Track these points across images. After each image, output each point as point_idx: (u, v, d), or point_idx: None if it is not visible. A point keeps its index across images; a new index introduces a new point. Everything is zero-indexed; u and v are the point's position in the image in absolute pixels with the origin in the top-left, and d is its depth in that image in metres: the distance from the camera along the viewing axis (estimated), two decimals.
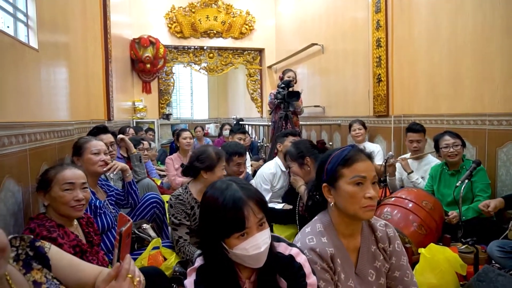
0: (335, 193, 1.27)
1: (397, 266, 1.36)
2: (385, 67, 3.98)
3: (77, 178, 1.58)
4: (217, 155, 2.15)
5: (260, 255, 1.09)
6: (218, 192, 1.11)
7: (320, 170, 1.33)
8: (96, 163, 2.11)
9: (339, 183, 1.25)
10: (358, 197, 1.21)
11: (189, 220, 2.14)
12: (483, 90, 2.93)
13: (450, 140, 2.71)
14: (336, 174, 1.26)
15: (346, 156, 1.26)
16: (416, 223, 2.27)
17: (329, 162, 1.29)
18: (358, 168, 1.23)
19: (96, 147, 2.14)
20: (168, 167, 3.90)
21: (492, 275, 1.84)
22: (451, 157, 2.69)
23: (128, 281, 0.91)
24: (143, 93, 7.12)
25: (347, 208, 1.24)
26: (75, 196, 1.53)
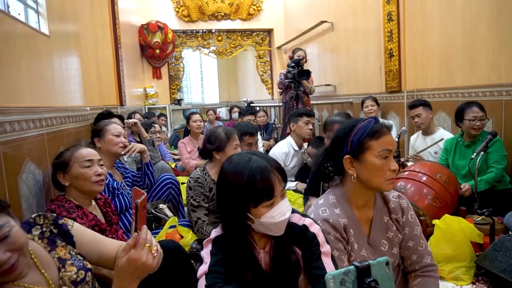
0: (359, 165, 1.25)
1: (411, 236, 1.36)
2: (396, 41, 3.89)
3: (94, 155, 1.64)
4: (227, 135, 2.16)
5: (284, 222, 1.13)
6: (241, 165, 1.12)
7: (340, 141, 1.30)
8: (117, 144, 2.20)
9: (365, 155, 1.23)
10: (384, 170, 1.21)
11: (208, 202, 2.16)
12: (500, 59, 2.84)
13: (479, 113, 2.60)
14: (363, 146, 1.24)
15: (373, 128, 1.24)
16: (431, 196, 2.27)
17: (355, 134, 1.26)
18: (385, 141, 1.22)
19: (116, 130, 2.24)
20: (181, 151, 3.95)
21: (509, 244, 1.84)
22: (476, 130, 2.61)
23: (146, 250, 0.94)
24: (153, 79, 7.15)
25: (372, 180, 1.24)
26: (95, 171, 1.59)
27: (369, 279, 0.71)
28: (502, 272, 1.75)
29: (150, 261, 0.95)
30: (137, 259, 0.92)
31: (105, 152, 2.17)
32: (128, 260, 0.93)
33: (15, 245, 0.92)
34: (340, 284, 0.72)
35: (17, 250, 0.92)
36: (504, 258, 1.79)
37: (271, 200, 1.09)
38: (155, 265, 0.97)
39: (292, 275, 1.18)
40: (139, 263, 0.93)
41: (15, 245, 0.92)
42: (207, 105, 9.10)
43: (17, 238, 0.92)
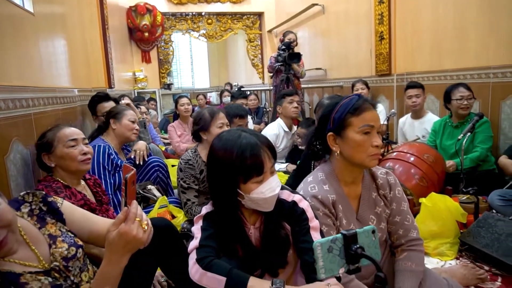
0: (342, 142, 1.27)
1: (398, 212, 1.39)
2: (387, 24, 3.88)
3: (78, 134, 1.61)
4: (211, 114, 2.16)
5: (274, 198, 1.14)
6: (231, 141, 1.12)
7: (325, 119, 1.32)
8: (132, 129, 2.30)
9: (347, 132, 1.25)
10: (366, 146, 1.23)
11: (198, 184, 2.17)
12: (488, 43, 2.87)
13: (465, 92, 2.66)
14: (344, 123, 1.25)
15: (355, 105, 1.25)
16: (418, 176, 2.31)
17: (337, 111, 1.28)
18: (366, 117, 1.23)
19: (133, 116, 2.34)
20: (171, 134, 3.93)
21: (492, 220, 1.89)
22: (464, 109, 2.67)
23: (137, 224, 0.95)
24: (142, 63, 7.04)
25: (354, 157, 1.25)
26: (81, 150, 1.57)
27: (356, 246, 0.73)
28: (485, 247, 1.81)
29: (141, 234, 0.96)
30: (127, 232, 0.93)
31: (118, 135, 2.28)
32: (119, 234, 0.94)
33: (2, 222, 0.91)
34: (327, 251, 0.73)
35: (5, 226, 0.92)
36: (486, 234, 1.85)
37: (261, 176, 1.10)
38: (145, 239, 0.98)
39: (282, 250, 1.21)
40: (129, 237, 0.94)
41: (2, 222, 0.91)
42: (198, 90, 9.01)
43: (4, 215, 0.92)
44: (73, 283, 1.07)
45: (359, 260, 0.75)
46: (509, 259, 1.67)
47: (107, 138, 2.26)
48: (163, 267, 1.45)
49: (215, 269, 1.03)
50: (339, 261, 0.75)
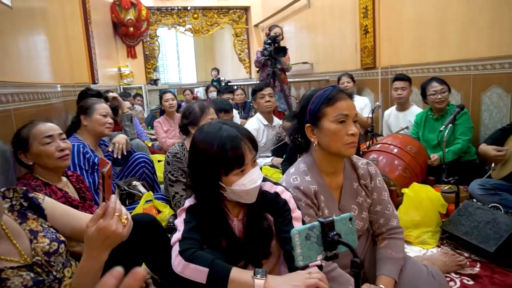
0: (319, 132, 1.30)
1: (379, 201, 1.42)
2: (371, 17, 3.91)
3: (54, 130, 1.57)
4: (201, 109, 2.15)
5: (256, 189, 1.15)
6: (212, 134, 1.13)
7: (303, 111, 1.35)
8: (104, 124, 2.19)
9: (322, 122, 1.27)
10: (341, 135, 1.24)
11: (185, 177, 2.16)
12: (469, 36, 2.92)
13: (438, 87, 2.73)
14: (319, 114, 1.27)
15: (328, 96, 1.27)
16: (401, 167, 2.35)
17: (312, 102, 1.30)
18: (340, 107, 1.25)
19: (104, 109, 2.22)
20: (157, 130, 3.91)
21: (472, 209, 1.94)
22: (439, 103, 2.73)
23: (116, 219, 0.93)
24: (128, 58, 6.96)
25: (330, 146, 1.27)
26: (57, 147, 1.53)
27: (333, 233, 0.75)
28: (465, 234, 1.86)
29: (120, 229, 0.94)
30: (106, 227, 0.91)
31: (90, 130, 2.18)
32: (98, 229, 0.92)
33: None
34: (305, 239, 0.75)
35: None
36: (466, 222, 1.90)
37: (242, 168, 1.11)
38: (125, 234, 0.96)
39: (265, 241, 1.22)
40: (108, 232, 0.92)
41: None
42: (184, 85, 8.93)
43: None
44: (55, 279, 1.06)
45: (336, 247, 0.76)
46: (487, 246, 1.72)
47: (81, 136, 2.17)
48: (148, 262, 1.45)
49: (197, 260, 1.04)
50: (317, 248, 0.76)
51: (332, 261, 1.27)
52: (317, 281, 1.00)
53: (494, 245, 1.70)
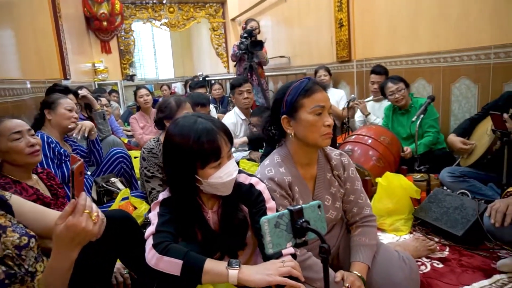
0: (295, 124, 1.31)
1: (352, 191, 1.45)
2: (346, 11, 3.96)
3: (22, 126, 1.52)
4: (177, 103, 2.13)
5: (232, 182, 1.16)
6: (187, 127, 1.12)
7: (278, 103, 1.35)
8: (69, 118, 2.17)
9: (299, 113, 1.28)
10: (318, 126, 1.26)
11: (162, 173, 2.14)
12: (439, 29, 3.01)
13: (393, 87, 2.82)
14: (296, 105, 1.28)
15: (305, 87, 1.28)
16: (375, 157, 2.41)
17: (289, 94, 1.31)
18: (317, 98, 1.27)
19: (69, 104, 2.20)
20: (133, 127, 3.85)
21: (441, 196, 2.02)
22: (399, 102, 2.83)
23: (86, 216, 0.92)
24: (102, 54, 6.79)
25: (307, 137, 1.29)
26: (27, 142, 1.49)
27: (302, 220, 0.76)
28: (435, 220, 1.94)
29: (90, 227, 0.92)
30: (76, 225, 0.89)
31: (55, 125, 2.15)
32: (66, 227, 0.90)
33: None
34: (274, 227, 0.76)
35: None
36: (437, 208, 1.98)
37: (218, 161, 1.11)
38: (96, 231, 0.94)
39: (240, 232, 1.23)
40: (78, 229, 0.90)
41: None
42: (162, 81, 8.81)
43: None
44: (28, 272, 1.05)
45: (306, 234, 0.78)
46: (455, 230, 1.80)
47: (46, 131, 2.14)
48: (123, 258, 1.44)
49: (171, 253, 1.04)
50: (286, 235, 0.77)
51: (307, 250, 1.32)
52: (290, 269, 1.02)
53: (462, 229, 1.78)
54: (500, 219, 1.48)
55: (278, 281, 1.00)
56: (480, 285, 1.49)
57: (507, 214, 1.48)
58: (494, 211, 1.51)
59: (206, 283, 1.04)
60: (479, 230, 1.66)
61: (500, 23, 2.50)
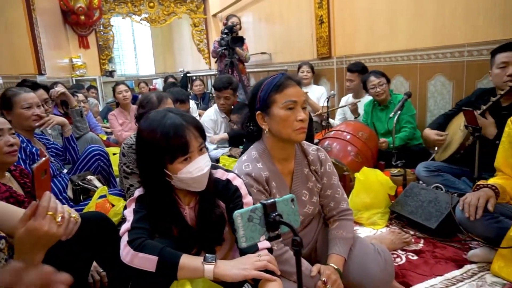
0: (269, 119, 1.31)
1: (329, 185, 1.47)
2: (326, 8, 3.99)
3: (3, 124, 1.49)
4: (158, 99, 2.10)
5: (203, 177, 1.14)
6: (156, 121, 1.11)
7: (253, 99, 1.36)
8: (29, 117, 2.02)
9: (272, 109, 1.29)
10: (290, 120, 1.27)
11: None
12: (416, 27, 3.07)
13: (375, 81, 2.87)
14: (268, 101, 1.29)
15: (277, 83, 1.29)
16: (354, 152, 2.45)
17: (262, 90, 1.32)
18: (288, 93, 1.27)
19: (26, 101, 2.03)
20: (112, 123, 3.79)
21: (416, 190, 2.07)
22: (379, 96, 2.88)
23: (49, 219, 0.86)
24: (80, 49, 6.64)
25: (280, 132, 1.30)
26: (6, 141, 1.45)
27: (274, 214, 0.77)
28: (410, 214, 1.98)
29: (54, 229, 0.87)
30: (37, 229, 0.84)
31: (17, 125, 2.00)
32: (27, 231, 0.85)
33: None
34: (247, 221, 0.76)
35: None
36: (412, 202, 2.02)
37: (187, 156, 1.10)
38: (61, 233, 0.89)
39: (217, 228, 1.23)
40: (40, 233, 0.85)
41: None
42: (142, 77, 8.67)
43: None
44: None
45: (279, 227, 0.79)
46: (429, 223, 1.85)
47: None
48: (99, 259, 1.42)
49: (146, 249, 1.03)
50: (259, 229, 0.78)
51: (285, 245, 1.33)
52: (266, 263, 1.03)
53: (436, 222, 1.83)
54: (473, 212, 1.53)
55: (254, 275, 1.01)
56: (452, 275, 1.54)
57: (478, 207, 1.53)
58: (467, 204, 1.56)
59: (182, 278, 1.04)
60: (452, 222, 1.71)
61: (473, 22, 2.58)
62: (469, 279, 1.50)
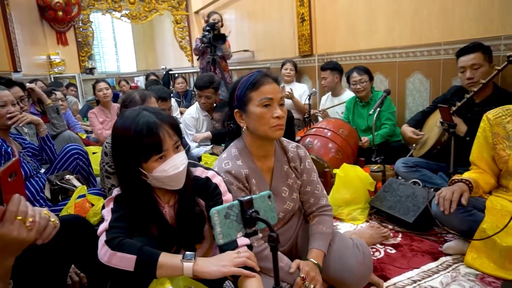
0: (246, 117, 1.32)
1: (308, 182, 1.49)
2: (307, 6, 4.02)
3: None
4: (141, 98, 2.08)
5: (179, 175, 1.13)
6: (130, 120, 1.10)
7: (231, 97, 1.37)
8: (3, 116, 1.96)
9: (249, 106, 1.30)
10: (267, 118, 1.28)
11: None
12: (394, 25, 3.12)
13: (357, 77, 2.92)
14: (245, 99, 1.30)
15: (253, 80, 1.30)
16: (334, 149, 2.48)
17: (239, 88, 1.33)
18: (264, 91, 1.28)
19: (1, 99, 1.97)
20: (92, 122, 3.72)
21: (395, 185, 2.11)
22: (359, 92, 2.93)
23: (18, 224, 0.83)
24: (58, 45, 6.47)
25: (257, 129, 1.31)
26: None
27: (251, 210, 0.78)
28: (389, 209, 2.03)
29: (24, 234, 0.84)
30: (5, 235, 0.81)
31: None
32: None
33: None
34: (224, 218, 0.77)
35: None
36: (391, 197, 2.07)
37: (161, 154, 1.09)
38: (32, 237, 0.86)
39: (197, 226, 1.23)
40: (8, 239, 0.82)
41: None
42: (124, 74, 8.54)
43: None
44: None
45: (255, 224, 0.80)
46: (407, 217, 1.90)
47: None
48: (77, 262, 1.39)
49: (125, 248, 1.02)
50: (236, 226, 0.79)
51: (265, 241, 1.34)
52: (245, 259, 1.04)
53: (413, 216, 1.88)
54: (448, 206, 1.58)
55: (233, 272, 1.01)
56: (428, 267, 1.58)
57: (452, 201, 1.58)
58: (442, 198, 1.61)
59: (161, 277, 1.03)
60: (429, 216, 1.76)
61: (448, 21, 2.64)
62: (444, 271, 1.55)
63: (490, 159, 1.70)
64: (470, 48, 2.11)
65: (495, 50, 2.32)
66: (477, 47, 2.10)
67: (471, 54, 2.09)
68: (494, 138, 1.66)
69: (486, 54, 2.09)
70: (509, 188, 1.65)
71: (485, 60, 2.08)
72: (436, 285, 1.45)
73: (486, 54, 2.09)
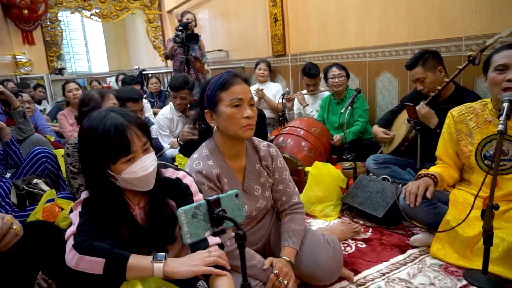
0: (217, 117, 1.33)
1: (280, 180, 1.51)
2: (280, 6, 4.06)
3: None
4: (101, 94, 2.04)
5: (148, 176, 1.12)
6: (97, 121, 1.08)
7: (201, 98, 1.37)
8: None
9: (219, 107, 1.31)
10: (237, 118, 1.29)
11: None
12: (364, 26, 3.20)
13: (336, 71, 2.98)
14: (215, 99, 1.31)
15: (223, 81, 1.31)
16: (307, 147, 2.52)
17: (208, 88, 1.33)
18: (234, 91, 1.29)
19: None
20: (62, 123, 3.60)
21: (365, 181, 2.17)
22: (336, 87, 2.99)
23: None
24: (24, 45, 6.22)
25: (228, 129, 1.32)
26: None
27: (218, 209, 0.79)
28: (360, 205, 2.08)
29: None
30: None
31: None
32: None
33: None
34: (191, 217, 0.77)
35: None
36: (362, 193, 2.13)
37: (130, 156, 1.08)
38: None
39: (168, 227, 1.23)
40: None
41: None
42: (95, 75, 8.33)
43: None
44: None
45: (223, 223, 0.81)
46: (377, 212, 1.95)
47: None
48: (44, 269, 1.36)
49: (93, 251, 1.01)
50: (204, 225, 0.79)
51: None
52: (215, 258, 1.04)
53: (382, 211, 1.94)
54: (413, 199, 1.64)
55: (203, 271, 1.02)
56: (396, 260, 1.64)
57: (417, 195, 1.65)
58: (408, 192, 1.68)
59: (131, 279, 1.02)
60: (397, 211, 1.82)
61: (414, 23, 2.74)
62: (411, 263, 1.61)
63: (454, 154, 1.78)
64: (409, 66, 2.23)
65: (457, 51, 2.43)
66: (414, 62, 2.19)
67: (412, 70, 2.22)
68: (458, 135, 1.74)
69: (428, 63, 2.15)
70: (471, 182, 1.74)
71: (426, 71, 2.16)
72: (404, 277, 1.51)
73: (426, 64, 2.15)
